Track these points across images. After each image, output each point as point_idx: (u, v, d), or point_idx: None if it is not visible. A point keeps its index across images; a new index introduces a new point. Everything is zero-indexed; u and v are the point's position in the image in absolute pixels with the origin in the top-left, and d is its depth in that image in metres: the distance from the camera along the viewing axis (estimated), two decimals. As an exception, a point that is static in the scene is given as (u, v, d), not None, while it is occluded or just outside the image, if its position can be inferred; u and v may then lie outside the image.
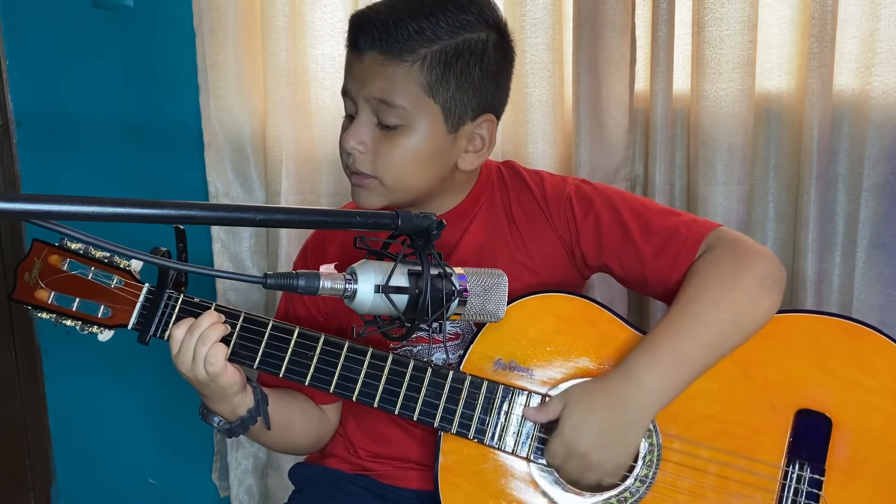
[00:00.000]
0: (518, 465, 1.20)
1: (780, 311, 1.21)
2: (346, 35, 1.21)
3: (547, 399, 1.18)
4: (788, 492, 1.18)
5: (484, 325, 1.21)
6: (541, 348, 1.21)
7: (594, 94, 1.70)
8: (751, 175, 1.73)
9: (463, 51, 1.17)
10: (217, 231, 1.85)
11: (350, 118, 1.22)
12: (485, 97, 1.21)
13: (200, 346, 1.12)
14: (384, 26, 1.15)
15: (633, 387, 1.15)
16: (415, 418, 1.18)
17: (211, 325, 1.14)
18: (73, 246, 1.20)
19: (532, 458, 1.19)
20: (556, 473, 1.19)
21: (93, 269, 1.19)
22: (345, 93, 1.22)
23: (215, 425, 1.20)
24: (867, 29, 1.69)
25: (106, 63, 1.85)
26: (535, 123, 1.72)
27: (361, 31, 1.17)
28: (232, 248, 1.87)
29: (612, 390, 1.15)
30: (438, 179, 1.23)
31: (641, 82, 1.74)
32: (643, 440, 1.19)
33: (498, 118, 1.26)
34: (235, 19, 1.75)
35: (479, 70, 1.19)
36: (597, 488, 1.19)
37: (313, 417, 1.33)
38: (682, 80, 1.73)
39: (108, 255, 1.20)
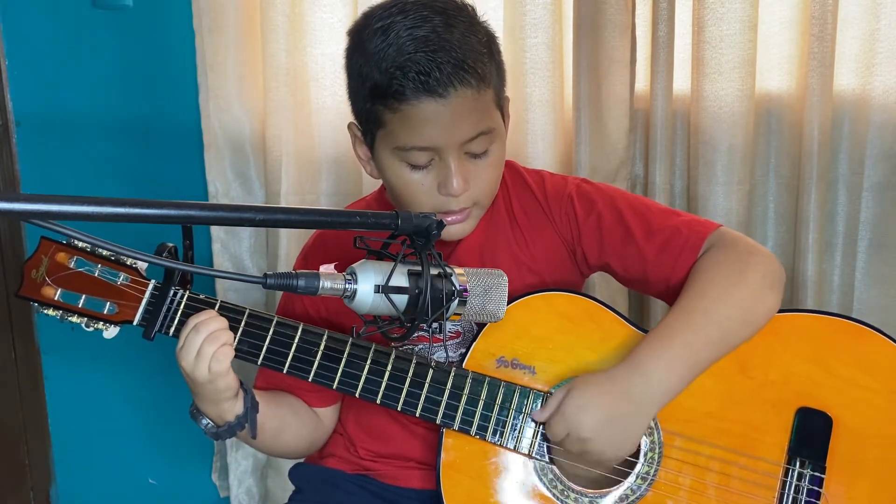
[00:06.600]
0: (520, 462, 1.19)
1: (780, 311, 1.22)
2: (390, 93, 1.10)
3: (548, 396, 1.18)
4: (790, 489, 1.18)
5: (485, 324, 1.21)
6: (543, 346, 1.21)
7: (594, 94, 1.70)
8: (751, 175, 1.73)
9: (494, 46, 1.19)
10: (217, 231, 1.85)
11: (417, 167, 1.16)
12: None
13: (209, 344, 1.11)
14: (458, 61, 1.09)
15: (641, 379, 1.14)
16: (417, 415, 1.18)
17: (220, 328, 1.13)
18: (80, 244, 1.19)
19: (533, 454, 1.19)
20: (557, 470, 1.19)
21: (99, 266, 1.18)
22: (419, 148, 1.14)
23: (203, 427, 1.19)
24: (867, 29, 1.69)
25: (106, 63, 1.85)
26: (535, 123, 1.72)
27: (435, 74, 1.08)
28: (232, 248, 1.87)
29: (619, 381, 1.15)
30: None
31: (641, 82, 1.74)
32: (644, 437, 1.19)
33: None
34: (235, 19, 1.75)
35: (499, 53, 1.21)
36: (597, 484, 1.19)
37: (307, 423, 1.32)
38: (682, 80, 1.73)
39: (114, 252, 1.20)
